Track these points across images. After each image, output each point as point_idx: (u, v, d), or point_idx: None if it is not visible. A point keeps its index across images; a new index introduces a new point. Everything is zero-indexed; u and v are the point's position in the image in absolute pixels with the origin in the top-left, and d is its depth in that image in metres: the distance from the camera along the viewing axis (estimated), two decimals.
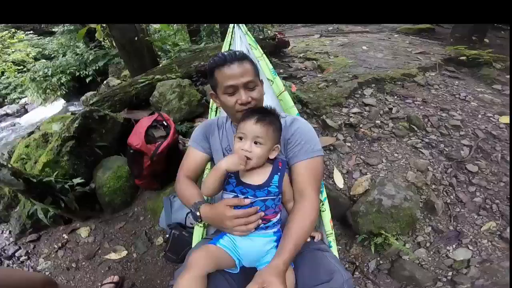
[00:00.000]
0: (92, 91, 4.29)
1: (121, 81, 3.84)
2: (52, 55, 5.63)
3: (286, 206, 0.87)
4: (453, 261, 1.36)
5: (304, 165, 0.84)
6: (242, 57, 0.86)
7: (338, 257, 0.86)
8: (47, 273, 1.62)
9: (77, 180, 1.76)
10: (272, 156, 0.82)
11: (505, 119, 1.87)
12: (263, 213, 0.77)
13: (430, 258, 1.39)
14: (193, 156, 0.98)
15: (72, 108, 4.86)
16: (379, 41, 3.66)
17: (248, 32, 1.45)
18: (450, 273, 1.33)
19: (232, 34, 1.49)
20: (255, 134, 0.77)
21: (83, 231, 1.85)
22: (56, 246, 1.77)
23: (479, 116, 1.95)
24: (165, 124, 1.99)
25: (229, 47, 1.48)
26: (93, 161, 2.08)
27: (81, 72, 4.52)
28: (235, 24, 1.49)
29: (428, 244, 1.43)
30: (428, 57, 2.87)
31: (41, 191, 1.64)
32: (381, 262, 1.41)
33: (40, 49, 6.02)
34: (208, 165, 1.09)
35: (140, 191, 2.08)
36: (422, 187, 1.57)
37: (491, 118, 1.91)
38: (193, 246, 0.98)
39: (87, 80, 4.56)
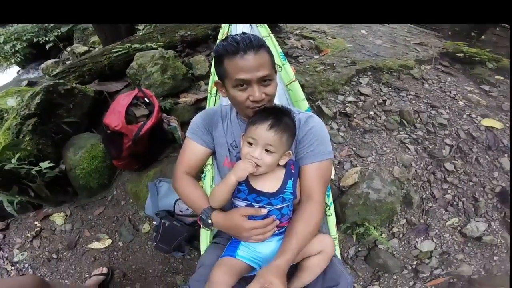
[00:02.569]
0: (53, 59, 4.09)
1: (88, 48, 3.63)
2: None
3: (294, 207, 0.89)
4: (419, 252, 1.62)
5: (315, 168, 0.85)
6: (258, 45, 0.78)
7: (341, 260, 0.98)
8: (26, 265, 1.60)
9: (45, 165, 1.67)
10: (282, 163, 0.82)
11: (487, 122, 2.10)
12: (278, 222, 0.82)
13: (401, 248, 1.64)
14: (193, 150, 0.95)
15: (26, 76, 4.59)
16: (378, 26, 3.70)
17: None
18: (415, 262, 1.60)
19: None
20: (267, 142, 0.75)
21: (58, 218, 1.82)
22: (29, 235, 1.72)
23: (464, 116, 2.17)
24: (147, 101, 1.94)
25: None
26: (61, 139, 1.99)
27: (40, 38, 4.33)
28: None
29: (401, 235, 1.68)
30: (426, 50, 2.99)
31: (5, 180, 1.55)
32: (359, 249, 1.64)
33: None
34: (210, 160, 1.06)
35: (118, 172, 2.06)
36: (404, 182, 1.79)
37: (474, 120, 2.14)
38: (201, 250, 1.03)
39: (47, 46, 4.38)
